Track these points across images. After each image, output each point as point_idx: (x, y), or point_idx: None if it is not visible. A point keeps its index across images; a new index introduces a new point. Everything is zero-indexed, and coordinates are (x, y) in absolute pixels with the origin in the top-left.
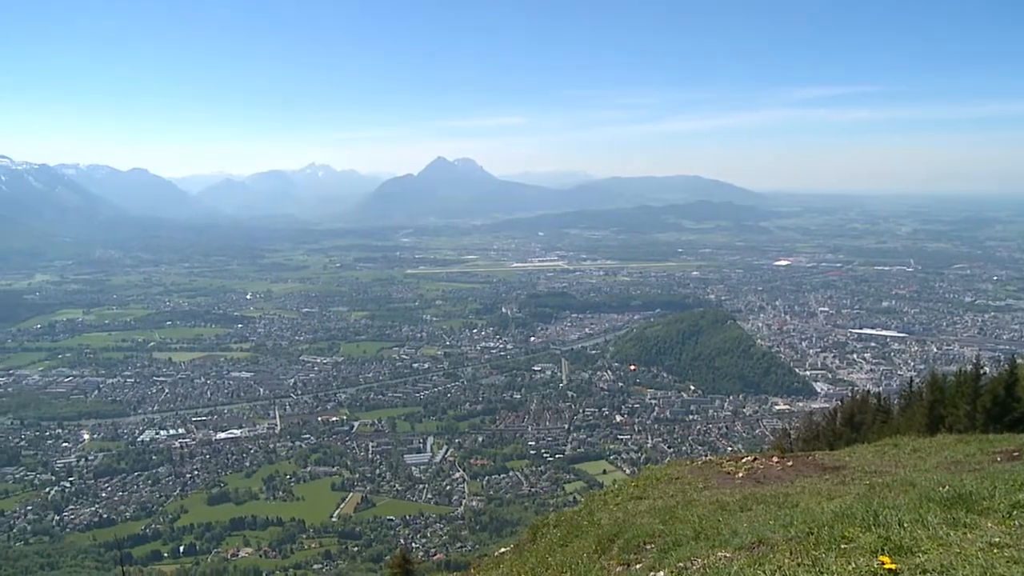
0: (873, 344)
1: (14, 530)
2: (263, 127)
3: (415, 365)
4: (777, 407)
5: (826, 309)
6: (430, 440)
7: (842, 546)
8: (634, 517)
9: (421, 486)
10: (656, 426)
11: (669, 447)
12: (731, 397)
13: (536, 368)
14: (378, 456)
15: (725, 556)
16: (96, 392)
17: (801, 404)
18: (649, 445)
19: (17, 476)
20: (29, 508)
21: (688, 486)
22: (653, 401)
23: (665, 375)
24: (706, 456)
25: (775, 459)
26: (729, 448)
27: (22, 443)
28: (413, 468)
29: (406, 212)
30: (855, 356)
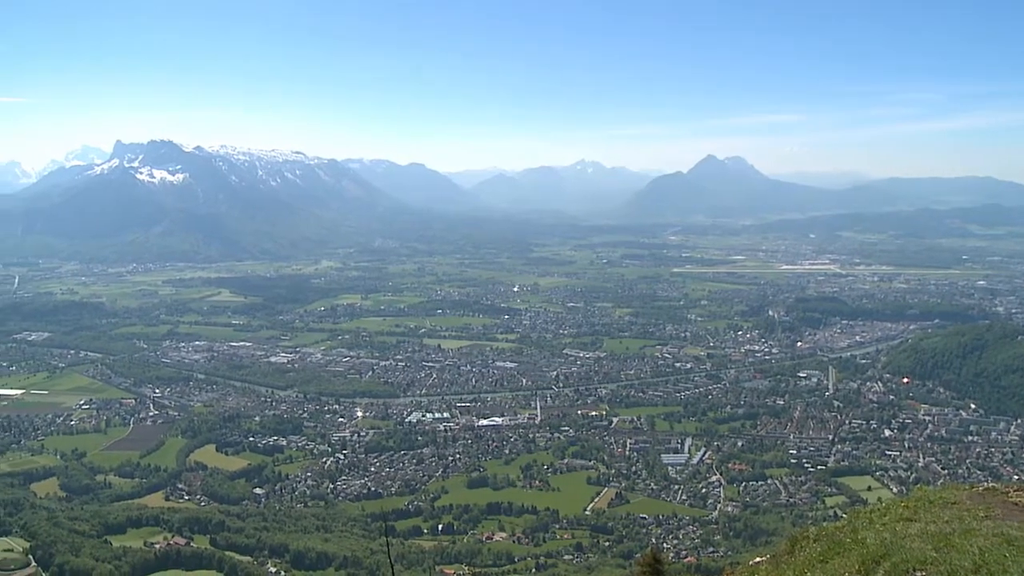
0: None
1: (296, 493)
2: (535, 125)
3: (677, 364)
4: None
5: None
6: (688, 441)
7: None
8: (903, 540)
9: (676, 487)
10: (929, 444)
11: (943, 468)
12: (1019, 420)
13: (801, 374)
14: (635, 453)
15: None
16: (370, 373)
17: None
18: (920, 464)
19: (300, 445)
20: (309, 475)
21: (966, 513)
22: (927, 417)
23: (942, 390)
24: (987, 483)
25: None
26: (1015, 476)
27: (304, 415)
28: (669, 468)
29: (675, 210)
30: None
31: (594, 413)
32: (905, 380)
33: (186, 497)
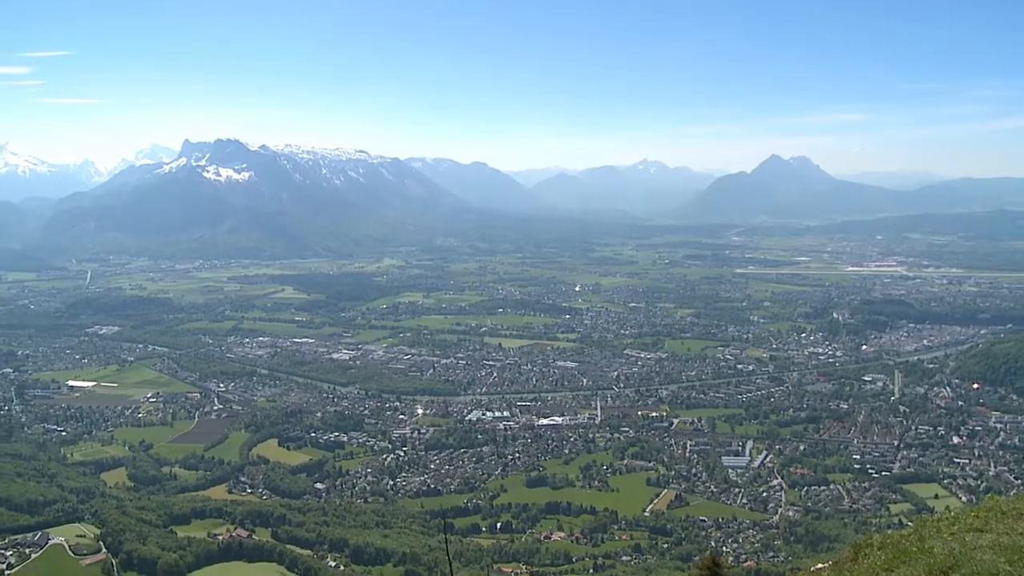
0: None
1: (356, 488)
2: (597, 125)
3: (739, 366)
4: None
5: None
6: (749, 444)
7: None
8: (973, 551)
9: (737, 490)
10: (1001, 453)
11: (1016, 478)
12: None
13: (866, 378)
14: (695, 455)
15: None
16: (431, 371)
17: None
18: (991, 473)
19: (360, 441)
20: (369, 471)
21: None
22: (998, 425)
23: (1015, 397)
24: None
25: None
26: None
27: (365, 412)
28: (730, 471)
29: (738, 210)
30: None
31: (654, 414)
32: (975, 385)
33: (248, 490)
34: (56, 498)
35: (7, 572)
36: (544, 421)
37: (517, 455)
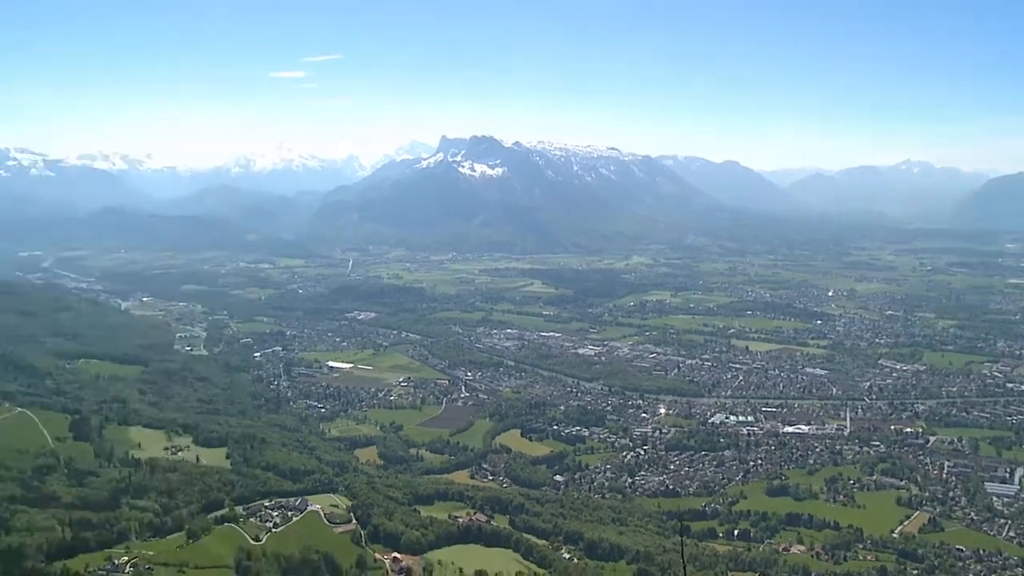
0: None
1: (594, 483)
2: (856, 122)
3: (1009, 385)
4: None
5: None
6: (1020, 471)
7: None
8: None
9: (1002, 520)
10: None
11: None
12: None
13: None
14: (954, 478)
15: None
16: (675, 371)
17: None
18: None
19: (601, 436)
20: (608, 467)
21: None
22: None
23: None
24: None
25: None
26: None
27: (608, 408)
28: (995, 498)
29: (1014, 215)
30: None
31: (909, 429)
32: None
33: (489, 477)
34: (314, 469)
35: (274, 530)
36: (789, 429)
37: (759, 462)
